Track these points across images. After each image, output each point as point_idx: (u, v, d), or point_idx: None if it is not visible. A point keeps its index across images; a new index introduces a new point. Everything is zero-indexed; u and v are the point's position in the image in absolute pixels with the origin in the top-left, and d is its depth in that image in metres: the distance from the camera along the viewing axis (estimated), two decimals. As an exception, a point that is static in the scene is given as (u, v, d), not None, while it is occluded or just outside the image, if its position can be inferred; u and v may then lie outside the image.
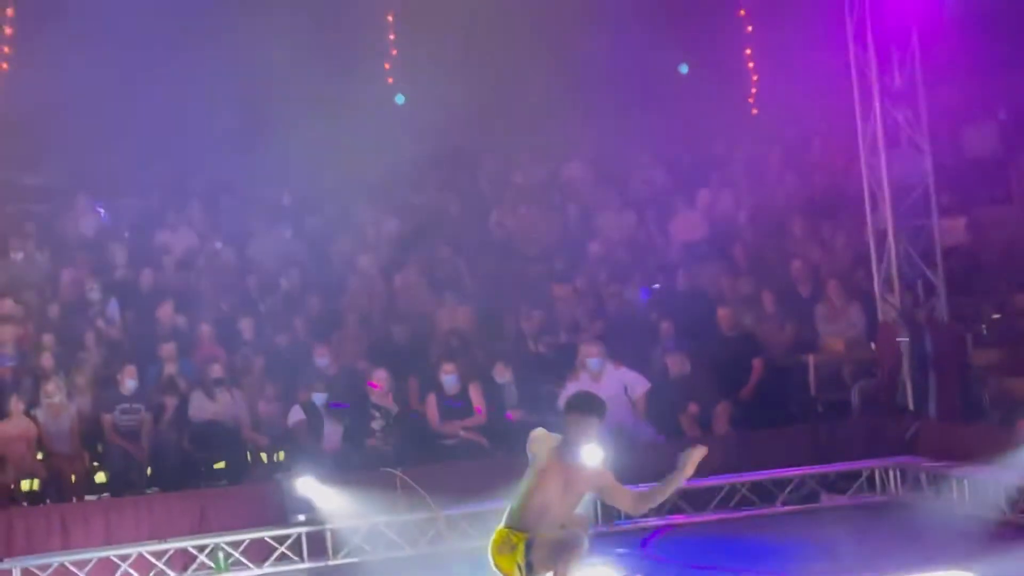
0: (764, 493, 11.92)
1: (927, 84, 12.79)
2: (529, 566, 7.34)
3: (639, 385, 12.78)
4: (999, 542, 9.70)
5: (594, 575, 8.04)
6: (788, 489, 11.92)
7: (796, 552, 10.15)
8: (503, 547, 7.43)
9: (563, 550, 7.34)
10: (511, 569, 7.41)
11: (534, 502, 7.34)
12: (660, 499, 7.54)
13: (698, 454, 7.28)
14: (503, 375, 13.23)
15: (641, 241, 16.16)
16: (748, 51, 18.78)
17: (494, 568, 7.52)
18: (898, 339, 12.81)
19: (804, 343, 13.86)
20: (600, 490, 7.54)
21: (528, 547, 7.36)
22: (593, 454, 7.29)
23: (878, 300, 13.12)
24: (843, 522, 11.14)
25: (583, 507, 7.78)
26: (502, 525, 7.47)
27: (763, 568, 9.72)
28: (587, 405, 7.39)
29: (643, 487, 7.55)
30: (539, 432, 7.56)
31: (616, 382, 12.69)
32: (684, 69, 17.00)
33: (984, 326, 13.32)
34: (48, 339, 13.56)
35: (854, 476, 12.10)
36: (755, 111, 18.86)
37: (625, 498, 7.49)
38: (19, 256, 15.34)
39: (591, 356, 12.73)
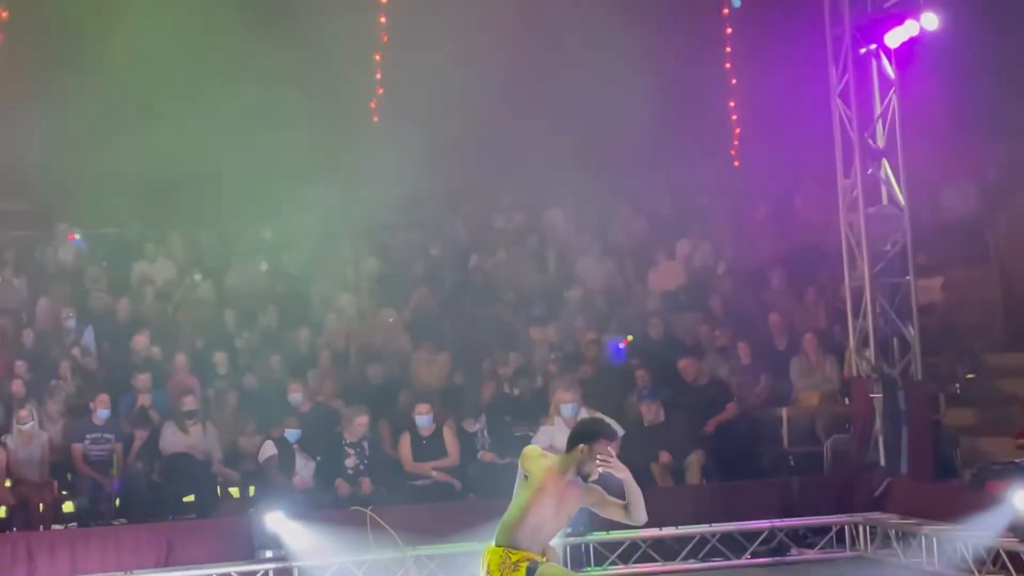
0: (734, 545, 11.92)
1: (907, 142, 12.91)
2: None
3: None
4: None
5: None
6: (758, 541, 11.92)
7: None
8: (504, 568, 7.40)
9: None
10: None
11: (530, 521, 7.32)
12: (639, 499, 7.54)
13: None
14: (473, 426, 13.25)
15: (619, 289, 16.20)
16: (732, 103, 18.90)
17: None
18: (871, 395, 12.86)
19: (778, 396, 13.91)
20: (594, 505, 7.55)
21: (530, 572, 7.35)
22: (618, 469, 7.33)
23: (853, 356, 13.17)
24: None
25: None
26: (495, 544, 7.44)
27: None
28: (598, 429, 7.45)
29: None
30: (533, 449, 7.57)
31: (589, 428, 12.66)
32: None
33: (957, 385, 13.38)
34: (21, 366, 13.51)
35: (824, 530, 12.12)
36: (737, 163, 18.96)
37: (617, 509, 7.51)
38: (-4, 281, 15.32)
39: (566, 402, 12.74)
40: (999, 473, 11.00)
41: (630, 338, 14.80)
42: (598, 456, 7.38)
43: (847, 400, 13.68)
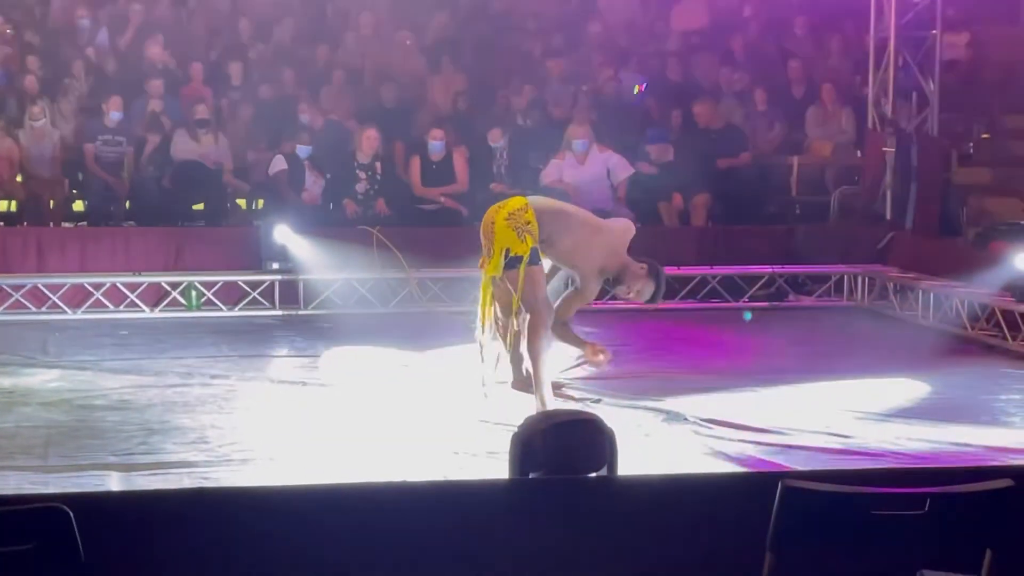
0: (733, 287, 12.08)
1: None
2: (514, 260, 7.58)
3: (622, 170, 12.79)
4: (954, 356, 9.91)
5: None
6: (757, 286, 12.07)
7: (754, 347, 10.34)
8: (520, 223, 7.63)
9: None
10: (507, 242, 7.59)
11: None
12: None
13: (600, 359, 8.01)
14: (499, 139, 13.22)
15: (640, 25, 15.95)
16: None
17: (487, 229, 7.73)
18: (884, 149, 12.84)
19: (791, 144, 13.87)
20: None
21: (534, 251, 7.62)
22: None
23: (870, 108, 13.09)
24: (805, 322, 11.35)
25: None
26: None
27: (717, 359, 9.89)
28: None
29: None
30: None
31: (600, 165, 12.71)
32: None
33: (971, 144, 13.32)
34: (33, 62, 13.43)
35: (823, 279, 12.27)
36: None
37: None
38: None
39: (577, 136, 12.71)
40: (1004, 233, 11.05)
41: (639, 88, 14.64)
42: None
43: (859, 153, 13.66)
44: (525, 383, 7.96)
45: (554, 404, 7.66)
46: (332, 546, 4.07)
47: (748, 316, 9.72)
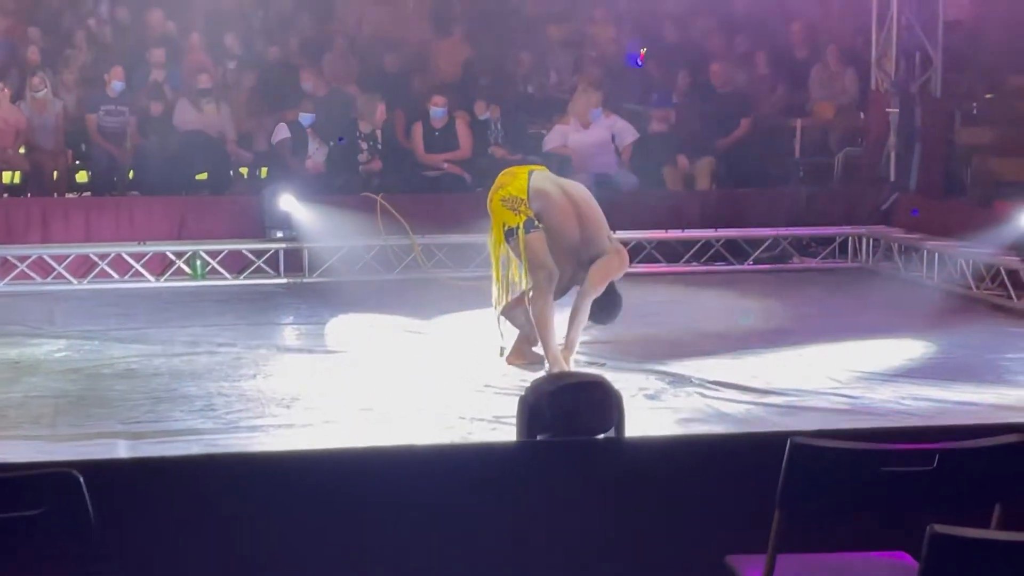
0: (737, 250, 12.07)
1: None
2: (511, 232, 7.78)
3: (628, 134, 12.75)
4: (959, 315, 9.91)
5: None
6: (761, 248, 12.07)
7: (759, 309, 10.33)
8: (514, 203, 7.77)
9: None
10: (503, 218, 7.83)
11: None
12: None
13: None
14: (484, 112, 13.18)
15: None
16: None
17: (488, 207, 7.99)
18: (888, 110, 12.80)
19: (794, 106, 13.83)
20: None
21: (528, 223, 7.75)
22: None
23: (873, 69, 13.05)
24: (810, 284, 11.34)
25: None
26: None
27: (722, 322, 9.88)
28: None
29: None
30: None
31: (605, 130, 12.67)
32: None
33: (975, 105, 13.26)
34: (35, 32, 13.39)
35: (828, 241, 12.26)
36: None
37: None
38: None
39: (591, 106, 12.61)
40: (1008, 193, 11.04)
41: (644, 50, 14.60)
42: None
43: (863, 114, 13.62)
44: (522, 354, 8.07)
45: (561, 364, 7.70)
46: (341, 511, 4.08)
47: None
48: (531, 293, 7.86)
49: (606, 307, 7.99)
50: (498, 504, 4.16)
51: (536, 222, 7.83)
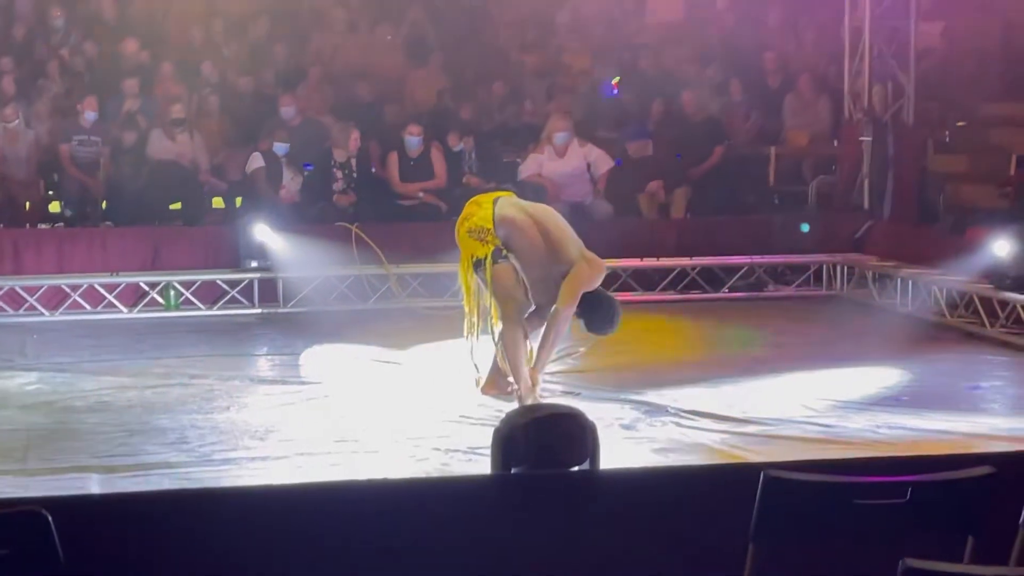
0: (712, 278, 12.09)
1: None
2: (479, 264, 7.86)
3: (603, 163, 12.78)
4: (933, 343, 9.94)
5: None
6: (736, 276, 12.09)
7: (734, 338, 10.34)
8: (480, 233, 7.83)
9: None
10: (471, 250, 7.92)
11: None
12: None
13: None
14: (458, 143, 13.19)
15: (615, 19, 15.93)
16: None
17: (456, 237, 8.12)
18: (861, 138, 12.87)
19: (768, 134, 13.89)
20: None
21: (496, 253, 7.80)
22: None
23: (846, 98, 13.12)
24: (784, 313, 11.36)
25: None
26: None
27: (697, 351, 9.89)
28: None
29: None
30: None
31: (580, 158, 12.70)
32: None
33: (947, 133, 13.36)
34: (7, 62, 13.33)
35: (802, 269, 12.30)
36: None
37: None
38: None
39: (559, 130, 12.68)
40: (980, 220, 11.08)
41: (618, 79, 14.65)
42: None
43: (836, 142, 13.69)
44: (495, 384, 8.05)
45: (532, 393, 7.69)
46: (314, 545, 4.05)
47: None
48: (500, 325, 7.86)
49: (601, 315, 7.79)
50: (472, 538, 4.14)
51: (503, 251, 7.84)
